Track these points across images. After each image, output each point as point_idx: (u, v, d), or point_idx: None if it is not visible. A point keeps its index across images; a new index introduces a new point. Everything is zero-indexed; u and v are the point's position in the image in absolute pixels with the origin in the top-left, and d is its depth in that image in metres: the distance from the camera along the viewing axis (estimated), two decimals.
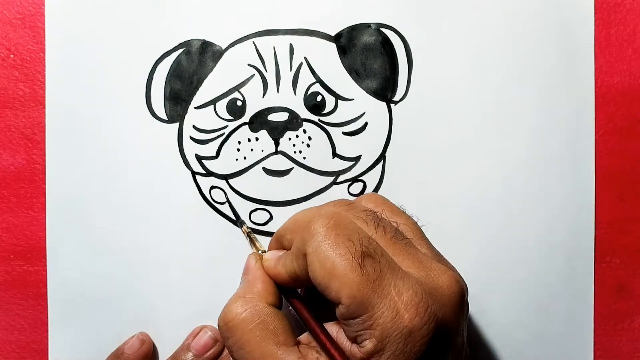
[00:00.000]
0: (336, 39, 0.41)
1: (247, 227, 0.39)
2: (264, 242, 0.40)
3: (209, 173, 0.41)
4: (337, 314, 0.29)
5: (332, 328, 0.31)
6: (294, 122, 0.40)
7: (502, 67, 0.41)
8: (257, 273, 0.34)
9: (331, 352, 0.29)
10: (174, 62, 0.41)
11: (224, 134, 0.40)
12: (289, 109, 0.40)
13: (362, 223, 0.30)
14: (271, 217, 0.41)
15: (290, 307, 0.33)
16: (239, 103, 0.40)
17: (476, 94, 0.41)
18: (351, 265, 0.27)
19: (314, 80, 0.40)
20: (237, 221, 0.40)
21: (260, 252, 0.36)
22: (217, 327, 0.39)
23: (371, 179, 0.41)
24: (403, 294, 0.27)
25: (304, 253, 0.29)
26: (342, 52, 0.41)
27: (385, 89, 0.41)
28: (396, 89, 0.41)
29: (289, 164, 0.40)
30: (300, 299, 0.33)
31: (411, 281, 0.28)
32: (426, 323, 0.27)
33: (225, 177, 0.41)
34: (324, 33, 0.41)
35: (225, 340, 0.31)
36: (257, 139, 0.40)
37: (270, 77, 0.40)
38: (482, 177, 0.41)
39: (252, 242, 0.37)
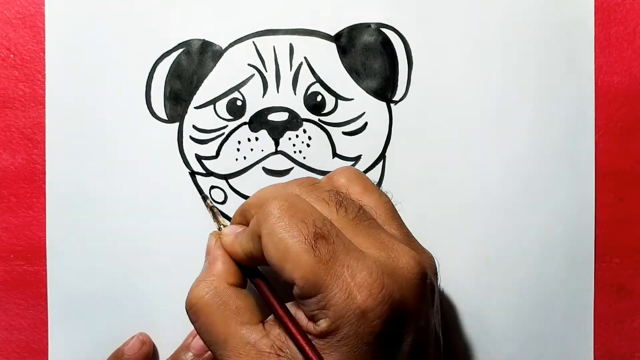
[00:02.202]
0: (336, 38, 0.41)
1: (211, 202, 0.39)
2: None
3: (209, 173, 0.41)
4: (294, 294, 0.29)
5: (292, 308, 0.31)
6: (294, 122, 0.40)
7: (502, 67, 0.41)
8: (217, 252, 0.33)
9: (289, 328, 0.29)
10: (174, 62, 0.41)
11: (223, 133, 0.40)
12: (289, 108, 0.40)
13: (322, 204, 0.30)
14: None
15: (253, 285, 0.33)
16: (239, 103, 0.40)
17: (476, 94, 0.41)
18: (304, 247, 0.27)
19: (314, 80, 0.40)
20: (201, 196, 0.40)
21: (220, 227, 0.35)
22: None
23: (371, 178, 0.41)
24: (356, 275, 0.27)
25: (259, 234, 0.29)
26: (342, 52, 0.41)
27: (385, 89, 0.41)
28: (396, 89, 0.41)
29: (289, 164, 0.40)
30: (261, 277, 0.33)
31: (367, 262, 0.28)
32: (379, 304, 0.27)
33: (225, 177, 0.41)
34: (324, 33, 0.41)
35: (193, 324, 0.32)
36: (257, 138, 0.40)
37: (270, 77, 0.40)
38: (482, 177, 0.41)
39: (214, 216, 0.37)
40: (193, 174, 0.41)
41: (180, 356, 0.39)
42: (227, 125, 0.40)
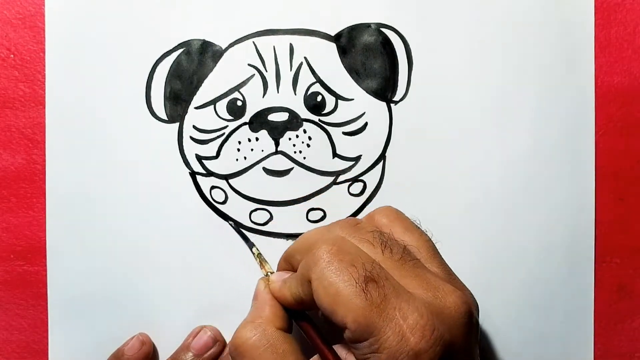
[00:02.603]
0: (336, 39, 0.41)
1: (257, 249, 0.39)
2: (264, 241, 0.40)
3: (209, 173, 0.41)
4: (345, 338, 0.29)
5: (342, 350, 0.31)
6: (294, 122, 0.40)
7: (502, 67, 0.41)
8: (265, 297, 0.34)
9: None
10: (174, 62, 0.41)
11: (224, 134, 0.40)
12: (289, 109, 0.40)
13: (368, 246, 0.31)
14: (271, 217, 0.41)
15: (301, 330, 0.34)
16: (239, 103, 0.40)
17: (476, 94, 0.41)
18: (355, 291, 0.28)
19: (314, 80, 0.40)
20: (247, 243, 0.40)
21: (268, 274, 0.36)
22: (216, 328, 0.40)
23: (371, 179, 0.41)
24: (408, 317, 0.27)
25: (308, 279, 0.30)
26: (342, 52, 0.41)
27: (385, 89, 0.41)
28: (396, 89, 0.41)
29: (289, 164, 0.40)
30: (308, 321, 0.33)
31: (417, 303, 0.28)
32: (432, 346, 0.27)
33: (226, 177, 0.41)
34: (324, 33, 0.41)
35: None
36: (257, 139, 0.40)
37: (270, 77, 0.40)
38: (482, 177, 0.41)
39: (261, 264, 0.38)
40: (193, 174, 0.41)
41: (180, 356, 0.39)
42: (227, 126, 0.40)
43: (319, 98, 0.40)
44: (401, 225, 0.33)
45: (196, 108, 0.41)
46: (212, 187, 0.41)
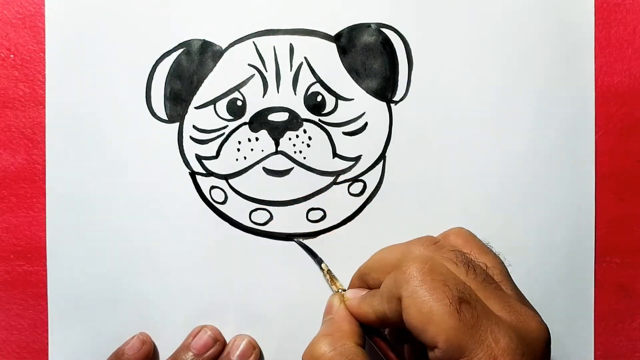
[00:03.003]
0: (336, 39, 0.41)
1: (326, 266, 0.40)
2: (264, 241, 0.40)
3: (209, 173, 0.41)
4: (431, 357, 0.29)
5: None
6: (294, 122, 0.40)
7: (502, 67, 0.41)
8: (343, 313, 0.35)
9: None
10: (174, 62, 0.41)
11: (224, 133, 0.40)
12: (289, 108, 0.40)
13: (452, 265, 0.31)
14: (271, 217, 0.40)
15: (375, 347, 0.34)
16: (239, 103, 0.40)
17: (476, 94, 0.41)
18: (449, 310, 0.28)
19: (314, 80, 0.40)
20: (315, 259, 0.40)
21: (340, 290, 0.38)
22: (216, 327, 0.40)
23: (371, 179, 0.41)
24: (500, 340, 0.28)
25: (398, 297, 0.30)
26: (342, 52, 0.41)
27: (385, 89, 0.41)
28: (396, 89, 0.41)
29: (289, 164, 0.40)
30: (384, 340, 0.34)
31: (505, 327, 0.28)
32: None
33: (226, 177, 0.41)
34: (324, 33, 0.41)
35: None
36: (257, 138, 0.40)
37: (271, 77, 0.40)
38: (482, 177, 0.41)
39: (332, 280, 0.39)
40: (193, 174, 0.41)
41: (180, 356, 0.39)
42: (227, 126, 0.40)
43: (319, 98, 0.40)
44: (477, 247, 0.34)
45: (196, 108, 0.41)
46: (212, 187, 0.41)
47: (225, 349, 0.40)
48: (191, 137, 0.41)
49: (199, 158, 0.41)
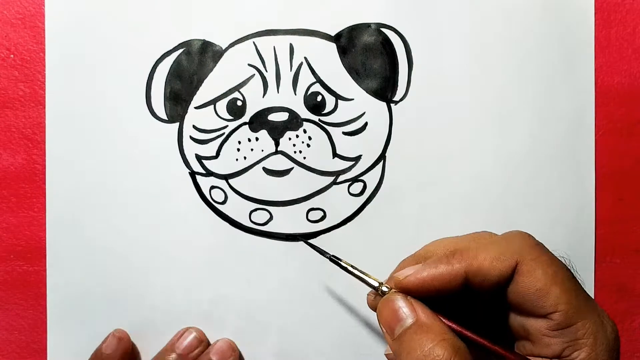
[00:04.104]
0: (336, 39, 0.41)
1: (348, 263, 0.35)
2: (264, 241, 0.40)
3: (209, 173, 0.41)
4: (543, 327, 0.29)
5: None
6: (294, 122, 0.40)
7: (502, 67, 0.41)
8: (426, 312, 0.30)
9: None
10: (174, 62, 0.41)
11: (224, 133, 0.40)
12: (289, 108, 0.40)
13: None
14: (271, 217, 0.40)
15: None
16: (239, 103, 0.40)
17: (476, 94, 0.41)
18: (569, 275, 0.30)
19: (314, 80, 0.40)
20: (326, 256, 0.36)
21: (380, 283, 0.32)
22: (200, 329, 0.40)
23: (371, 179, 0.41)
24: (602, 311, 0.30)
25: (516, 260, 0.30)
26: (342, 52, 0.41)
27: (385, 89, 0.41)
28: (396, 89, 0.41)
29: (289, 164, 0.40)
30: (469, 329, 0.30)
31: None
32: (616, 339, 0.29)
33: (226, 177, 0.41)
34: (324, 33, 0.41)
35: None
36: (257, 138, 0.40)
37: (271, 77, 0.40)
38: (482, 177, 0.41)
39: (364, 275, 0.33)
40: (193, 174, 0.41)
41: (164, 356, 0.39)
42: (227, 126, 0.40)
43: (319, 98, 0.40)
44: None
45: (196, 108, 0.41)
46: (212, 187, 0.41)
47: (208, 349, 0.40)
48: (191, 137, 0.41)
49: (199, 158, 0.41)
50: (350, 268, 0.34)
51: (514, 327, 0.31)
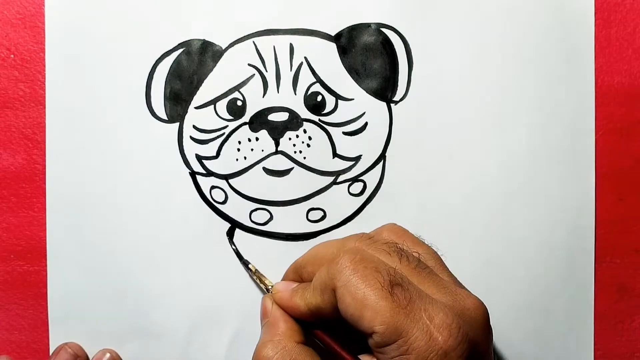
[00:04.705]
0: (336, 38, 0.41)
1: (254, 267, 0.40)
2: (265, 241, 0.40)
3: (209, 173, 0.41)
4: (370, 344, 0.29)
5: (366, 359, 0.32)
6: (294, 122, 0.40)
7: (502, 67, 0.41)
8: (277, 313, 0.35)
9: None
10: (174, 62, 0.41)
11: (224, 133, 0.40)
12: (289, 108, 0.40)
13: (385, 255, 0.32)
14: (271, 217, 0.41)
15: (317, 341, 0.34)
16: (239, 103, 0.40)
17: (476, 94, 0.41)
18: (382, 294, 0.29)
19: (314, 80, 0.40)
20: (241, 261, 0.40)
21: (269, 287, 0.37)
22: (78, 344, 0.40)
23: (371, 179, 0.41)
24: (434, 317, 0.28)
25: (332, 287, 0.30)
26: (342, 52, 0.41)
27: (385, 89, 0.41)
28: (396, 89, 0.41)
29: (289, 164, 0.40)
30: (322, 330, 0.34)
31: (440, 305, 0.29)
32: (460, 343, 0.28)
33: (226, 177, 0.41)
34: (324, 33, 0.41)
35: None
36: (257, 138, 0.40)
37: (271, 77, 0.40)
38: (482, 177, 0.41)
39: (260, 279, 0.39)
40: (193, 174, 0.41)
41: None
42: (227, 126, 0.40)
43: (319, 98, 0.40)
44: (410, 240, 0.34)
45: (196, 108, 0.41)
46: (212, 187, 0.41)
47: None
48: (191, 137, 0.41)
49: (199, 158, 0.41)
50: (253, 272, 0.39)
51: None
